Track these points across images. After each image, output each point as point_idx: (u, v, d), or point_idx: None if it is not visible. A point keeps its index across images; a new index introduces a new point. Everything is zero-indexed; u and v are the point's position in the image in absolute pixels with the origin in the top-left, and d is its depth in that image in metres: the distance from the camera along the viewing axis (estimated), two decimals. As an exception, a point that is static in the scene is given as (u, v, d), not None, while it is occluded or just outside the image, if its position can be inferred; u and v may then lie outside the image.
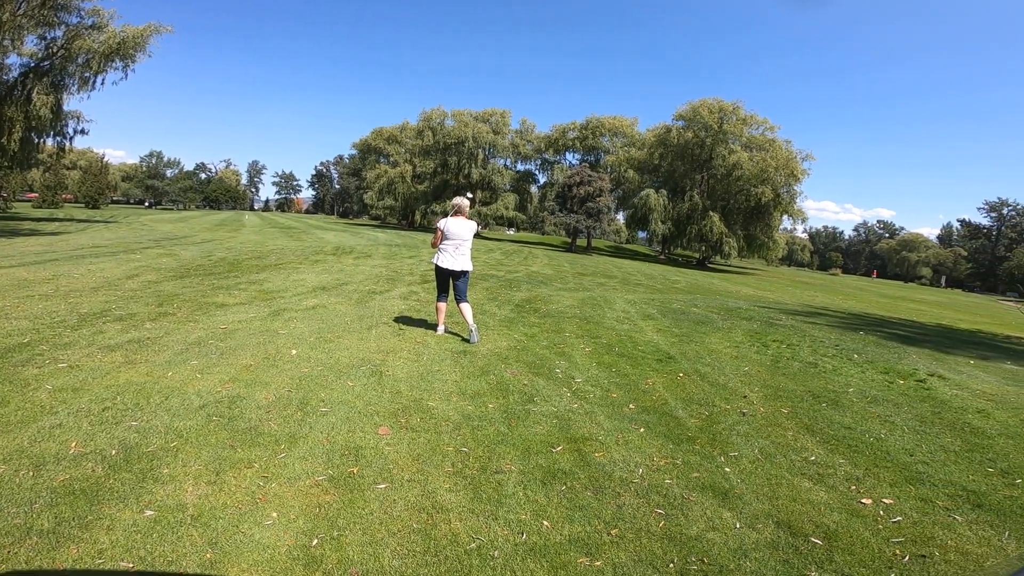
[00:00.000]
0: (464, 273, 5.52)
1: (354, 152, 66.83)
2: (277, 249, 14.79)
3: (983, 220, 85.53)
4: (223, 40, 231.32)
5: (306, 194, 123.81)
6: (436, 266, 5.54)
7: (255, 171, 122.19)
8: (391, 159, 55.09)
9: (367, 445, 3.01)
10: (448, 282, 5.63)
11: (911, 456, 3.37)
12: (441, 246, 5.48)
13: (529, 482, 2.72)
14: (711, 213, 36.17)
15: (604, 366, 5.05)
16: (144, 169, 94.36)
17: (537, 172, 51.34)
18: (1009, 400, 4.74)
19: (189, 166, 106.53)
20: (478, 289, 9.60)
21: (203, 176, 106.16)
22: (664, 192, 37.82)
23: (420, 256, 15.87)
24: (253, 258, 11.89)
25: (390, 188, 50.87)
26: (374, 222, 62.30)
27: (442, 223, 5.47)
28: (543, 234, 59.76)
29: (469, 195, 5.88)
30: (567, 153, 48.19)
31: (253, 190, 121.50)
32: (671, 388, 4.51)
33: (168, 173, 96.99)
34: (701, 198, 37.34)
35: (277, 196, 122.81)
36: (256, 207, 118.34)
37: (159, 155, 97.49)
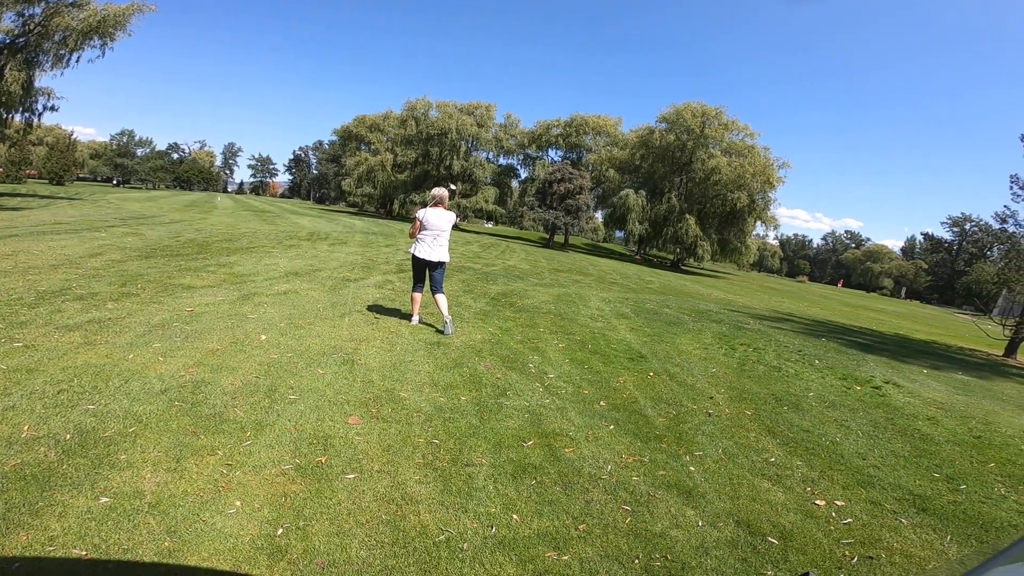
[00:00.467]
0: (441, 264, 5.55)
1: (334, 138, 65.57)
2: (249, 232, 14.44)
3: (946, 234, 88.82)
4: (204, 20, 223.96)
5: (282, 178, 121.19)
6: (413, 256, 5.54)
7: (230, 153, 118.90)
8: (372, 147, 54.30)
9: (336, 434, 2.97)
10: (424, 272, 5.64)
11: (864, 460, 3.50)
12: (419, 236, 5.48)
13: (499, 476, 2.73)
14: (687, 216, 36.72)
15: (577, 363, 5.09)
16: (114, 147, 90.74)
17: (519, 167, 51.27)
18: (958, 409, 4.96)
19: (162, 146, 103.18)
20: (454, 281, 9.56)
21: (175, 156, 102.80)
22: (643, 193, 38.24)
23: (397, 245, 15.70)
24: (223, 240, 11.58)
25: (370, 176, 50.16)
26: (351, 209, 61.36)
27: (421, 213, 5.46)
28: (521, 228, 59.76)
29: (452, 186, 5.83)
30: (550, 149, 48.23)
31: (227, 172, 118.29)
32: (641, 387, 4.58)
33: (139, 152, 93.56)
34: (679, 200, 37.87)
35: (252, 179, 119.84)
36: (230, 189, 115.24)
37: (131, 134, 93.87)
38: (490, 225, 62.54)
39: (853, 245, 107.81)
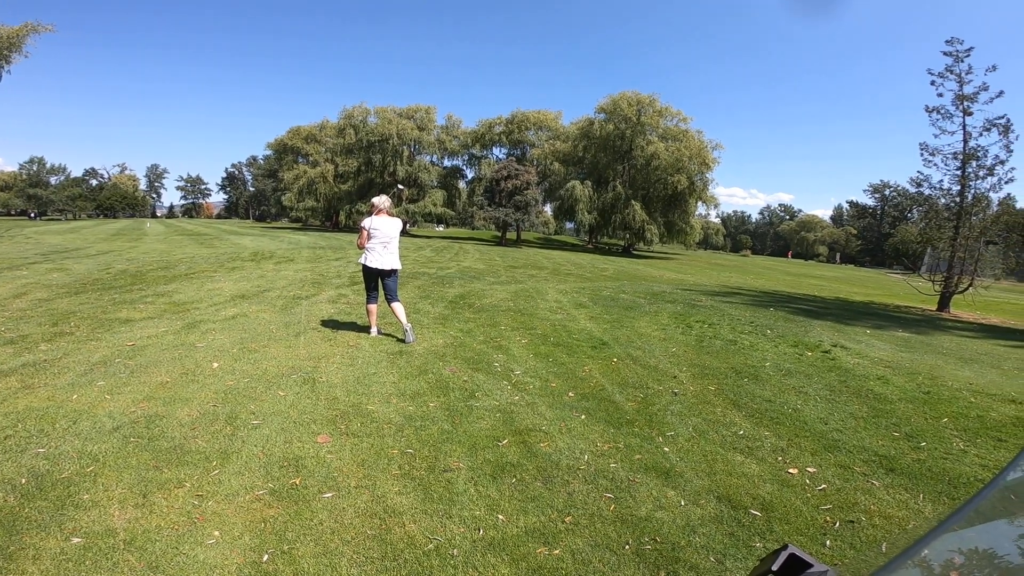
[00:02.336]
0: (393, 272, 5.45)
1: (269, 152, 63.20)
2: (187, 258, 13.75)
3: (869, 201, 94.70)
4: (110, 38, 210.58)
5: (216, 198, 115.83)
6: (364, 266, 5.40)
7: (155, 175, 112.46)
8: (311, 159, 52.72)
9: (307, 455, 2.88)
10: (377, 282, 5.52)
11: (826, 425, 3.69)
12: (368, 245, 5.34)
13: (479, 478, 2.71)
14: (633, 202, 37.61)
15: (541, 356, 5.12)
16: (24, 177, 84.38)
17: (464, 167, 50.98)
18: (904, 366, 5.30)
19: (77, 172, 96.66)
20: (409, 288, 9.42)
21: (94, 183, 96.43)
22: (589, 183, 38.90)
23: (347, 257, 15.33)
24: (159, 268, 10.97)
25: (311, 189, 48.72)
26: (295, 225, 59.39)
27: (367, 222, 5.32)
28: (473, 229, 59.60)
29: (401, 186, 5.76)
30: (494, 148, 48.18)
31: (154, 196, 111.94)
32: (607, 373, 4.66)
33: (53, 181, 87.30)
34: (623, 188, 38.72)
35: (183, 201, 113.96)
36: (159, 214, 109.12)
37: (41, 161, 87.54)
38: (441, 228, 62.06)
39: (788, 217, 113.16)
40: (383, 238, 5.30)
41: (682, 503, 2.57)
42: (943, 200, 13.37)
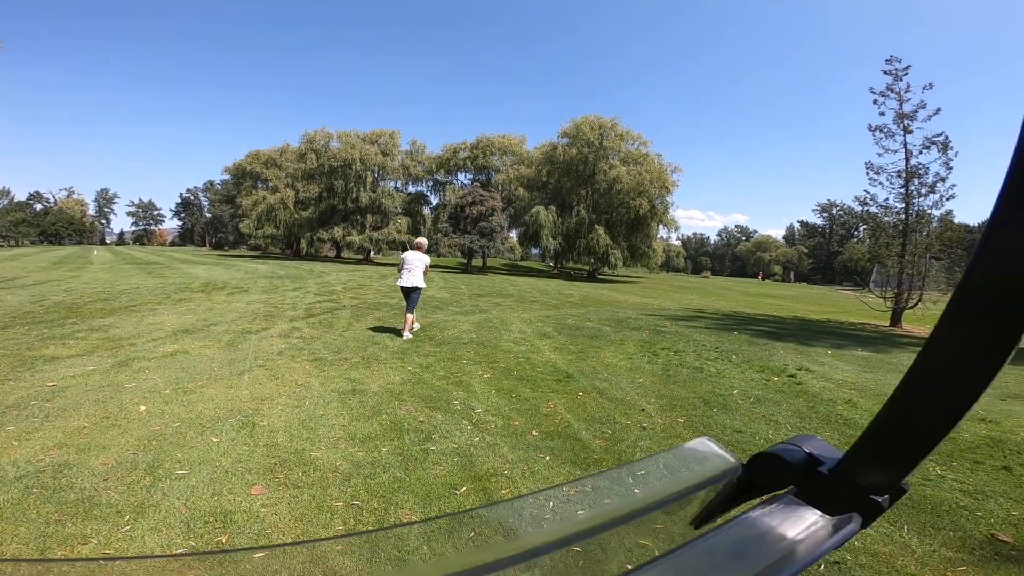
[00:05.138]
0: (414, 289, 7.29)
1: (227, 177, 61.44)
2: (131, 288, 12.98)
3: (818, 220, 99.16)
4: (59, 58, 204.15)
5: (170, 225, 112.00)
6: (399, 285, 7.39)
7: (105, 200, 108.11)
8: (270, 184, 51.38)
9: (238, 508, 2.57)
10: (406, 295, 7.37)
11: (797, 453, 3.56)
12: (400, 272, 7.37)
13: (432, 533, 2.43)
14: (597, 227, 38.09)
15: (504, 392, 4.88)
16: (-39, 202, 79.83)
17: (429, 193, 50.72)
18: (868, 387, 5.30)
19: (21, 196, 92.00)
20: (369, 320, 9.07)
21: (38, 207, 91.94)
22: (553, 208, 39.24)
23: (305, 288, 14.80)
24: (98, 300, 10.27)
25: (270, 215, 47.41)
26: (254, 253, 57.75)
27: (403, 255, 7.47)
28: (438, 256, 59.24)
29: (420, 239, 7.81)
30: (459, 173, 48.21)
31: (103, 222, 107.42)
32: (573, 408, 4.45)
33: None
34: (587, 212, 39.22)
35: (134, 228, 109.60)
36: (108, 241, 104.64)
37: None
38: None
39: (744, 238, 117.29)
40: (408, 266, 7.32)
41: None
42: (888, 218, 13.83)
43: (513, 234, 45.56)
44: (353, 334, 7.53)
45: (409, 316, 7.35)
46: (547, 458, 3.40)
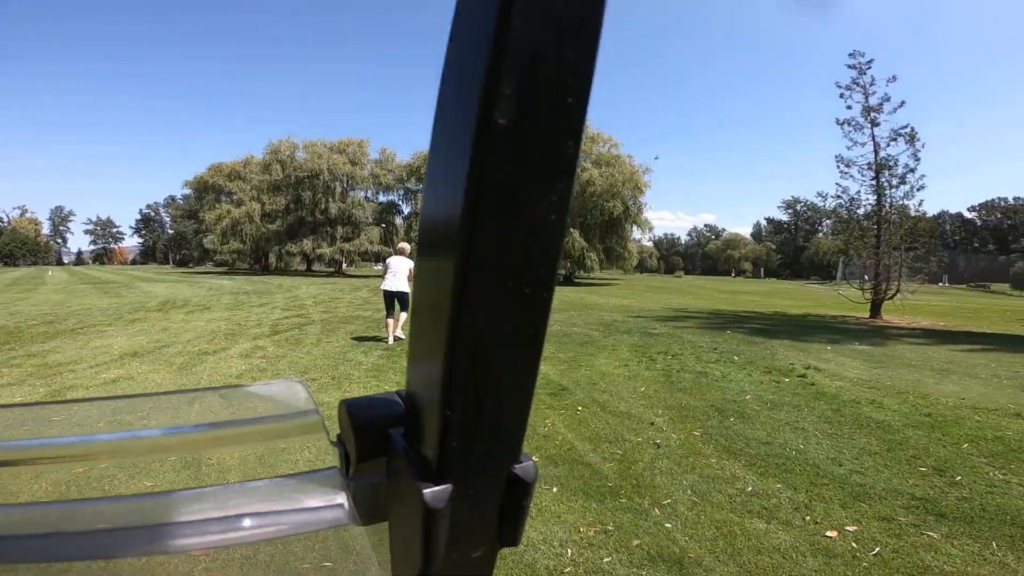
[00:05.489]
0: (398, 292, 7.47)
1: (188, 192, 59.23)
2: (82, 309, 12.00)
3: (783, 216, 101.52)
4: (7, 70, 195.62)
5: (131, 242, 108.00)
6: (383, 290, 7.56)
7: (60, 218, 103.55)
8: (235, 197, 49.65)
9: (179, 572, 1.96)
10: (393, 300, 7.52)
11: (841, 466, 3.14)
12: (385, 276, 7.61)
13: None
14: (572, 230, 37.91)
15: (496, 410, 4.35)
16: (-93, 224, 75.36)
17: (401, 202, 49.75)
18: (886, 385, 4.95)
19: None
20: (340, 334, 8.42)
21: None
22: (527, 213, 38.90)
23: (273, 303, 13.98)
24: (44, 323, 9.36)
25: (236, 229, 45.77)
26: (220, 269, 55.73)
27: (388, 260, 7.73)
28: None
29: (403, 244, 7.99)
30: (429, 181, 47.51)
31: (59, 241, 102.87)
32: (573, 426, 3.95)
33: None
34: (561, 216, 39.01)
35: (93, 247, 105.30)
36: (66, 260, 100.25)
37: (-78, 208, 78.53)
38: (379, 267, 60.26)
39: (714, 237, 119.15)
40: (393, 270, 7.54)
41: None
42: (861, 210, 13.86)
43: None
44: (323, 351, 6.90)
45: (403, 315, 7.57)
46: (555, 490, 2.89)
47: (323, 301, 14.67)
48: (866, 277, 14.01)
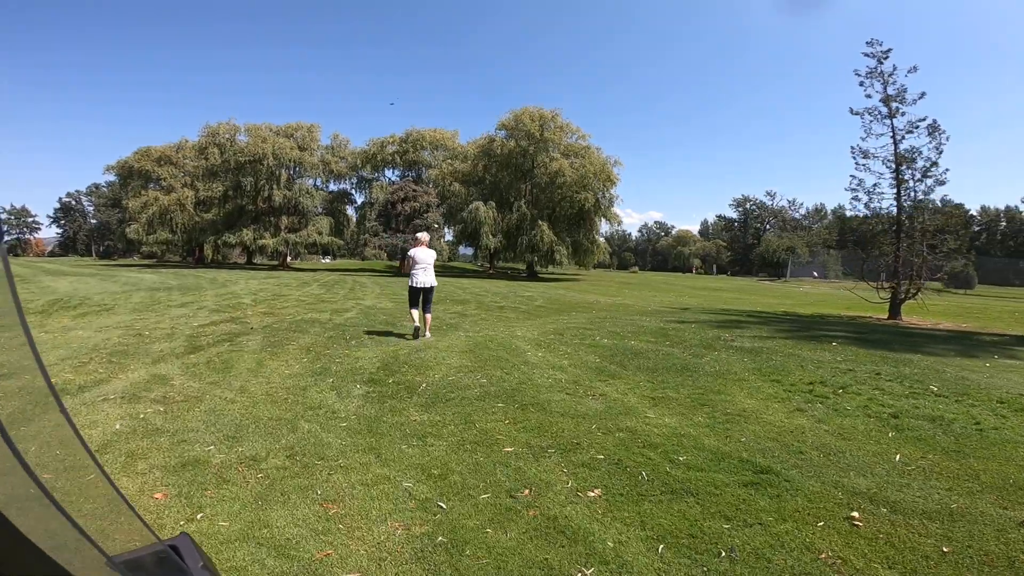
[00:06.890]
0: (432, 288, 7.05)
1: (112, 178, 52.53)
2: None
3: (733, 214, 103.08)
4: None
5: (49, 233, 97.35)
6: (411, 286, 6.99)
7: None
8: (164, 183, 44.35)
9: None
10: (420, 296, 6.97)
11: None
12: (413, 271, 7.01)
13: None
14: (540, 222, 35.65)
15: (678, 547, 1.96)
16: None
17: (354, 191, 45.87)
18: (989, 393, 2.87)
19: None
20: (292, 352, 5.76)
21: None
22: (492, 204, 36.37)
23: (200, 302, 10.89)
24: None
25: (164, 218, 40.69)
26: (148, 262, 49.88)
27: (412, 252, 7.09)
28: (363, 259, 54.52)
29: (423, 234, 7.27)
30: (387, 169, 43.87)
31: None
32: (879, 558, 1.62)
33: None
34: (528, 208, 36.68)
35: (7, 239, 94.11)
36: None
37: None
38: (327, 260, 56.08)
39: (663, 234, 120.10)
40: (423, 263, 7.01)
41: None
42: (885, 203, 12.66)
43: (448, 233, 42.13)
44: (267, 386, 4.28)
45: (429, 317, 7.14)
46: None
47: (265, 299, 11.66)
48: (883, 276, 12.82)
